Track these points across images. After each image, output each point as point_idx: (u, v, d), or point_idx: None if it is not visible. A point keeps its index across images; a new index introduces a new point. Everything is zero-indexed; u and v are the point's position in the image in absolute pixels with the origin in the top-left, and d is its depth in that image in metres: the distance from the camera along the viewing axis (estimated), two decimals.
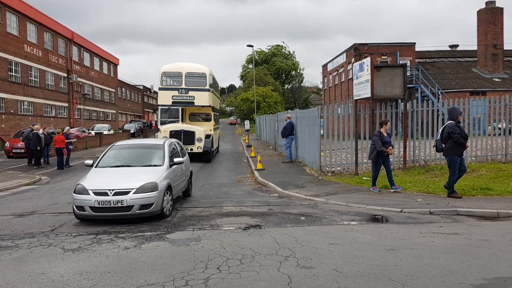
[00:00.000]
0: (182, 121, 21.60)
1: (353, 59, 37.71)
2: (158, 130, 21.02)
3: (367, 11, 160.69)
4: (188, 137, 20.09)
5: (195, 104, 21.46)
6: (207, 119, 23.16)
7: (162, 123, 21.40)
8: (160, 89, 21.74)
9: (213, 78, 23.66)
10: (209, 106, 21.85)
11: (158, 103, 21.92)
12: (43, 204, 10.90)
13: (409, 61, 37.89)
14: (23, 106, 36.61)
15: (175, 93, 21.21)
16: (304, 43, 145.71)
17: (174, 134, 19.70)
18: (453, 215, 8.78)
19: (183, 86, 21.14)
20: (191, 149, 19.61)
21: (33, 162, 20.00)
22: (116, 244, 6.85)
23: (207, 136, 21.07)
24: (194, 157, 19.76)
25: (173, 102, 21.22)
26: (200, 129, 20.76)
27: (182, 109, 21.70)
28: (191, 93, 21.14)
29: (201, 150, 20.33)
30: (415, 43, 39.48)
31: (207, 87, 21.45)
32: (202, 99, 21.36)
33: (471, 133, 15.61)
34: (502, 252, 6.20)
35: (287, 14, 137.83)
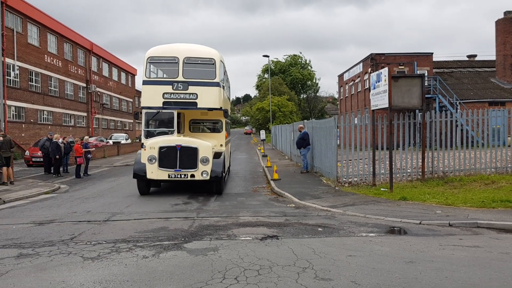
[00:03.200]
0: (178, 131, 14.21)
1: (369, 69, 37.60)
2: (141, 146, 13.71)
3: (377, 21, 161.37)
4: (187, 156, 12.98)
5: (199, 106, 13.74)
6: (216, 128, 15.60)
7: (148, 135, 13.87)
8: (144, 82, 13.78)
9: (224, 68, 16.10)
10: (220, 108, 14.14)
11: (142, 105, 13.93)
12: (62, 213, 11.04)
13: (426, 71, 37.63)
14: (43, 115, 37.27)
15: (168, 89, 13.58)
16: (315, 53, 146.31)
17: (165, 151, 12.94)
18: (473, 227, 8.64)
19: (180, 78, 13.52)
20: (192, 176, 13.01)
21: (52, 171, 20.29)
22: (134, 253, 6.90)
23: (217, 155, 13.90)
24: (194, 188, 14.70)
25: (164, 103, 13.56)
26: (206, 145, 13.34)
27: (178, 114, 14.18)
28: (192, 89, 13.56)
29: (208, 177, 13.08)
30: (432, 53, 39.21)
31: (217, 79, 13.82)
32: (210, 98, 13.74)
33: (490, 144, 15.40)
34: None
35: (297, 25, 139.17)
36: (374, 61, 38.10)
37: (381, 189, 13.11)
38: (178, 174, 12.90)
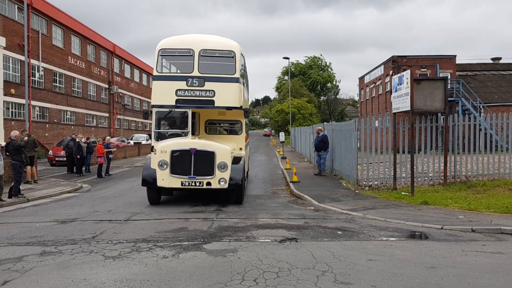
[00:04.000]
0: (193, 133, 12.74)
1: (391, 72, 37.21)
2: (151, 149, 12.25)
3: (397, 23, 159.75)
4: (203, 162, 11.49)
5: (217, 105, 12.36)
6: (234, 130, 14.26)
7: (159, 137, 12.49)
8: (155, 78, 12.52)
9: (244, 62, 14.42)
10: (240, 107, 12.73)
11: (152, 103, 12.57)
12: (84, 212, 11.22)
13: (449, 74, 37.04)
14: (66, 115, 37.94)
15: (182, 85, 12.24)
16: (334, 55, 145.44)
17: (178, 156, 11.47)
18: (497, 233, 8.47)
19: (196, 73, 12.19)
20: (209, 184, 11.45)
21: (74, 170, 20.63)
22: (154, 253, 6.97)
23: (236, 160, 12.26)
24: (208, 197, 12.88)
25: (177, 101, 12.24)
26: (224, 148, 11.89)
27: (193, 114, 12.80)
28: (209, 85, 12.23)
29: (226, 185, 11.53)
30: (455, 56, 38.57)
31: (237, 74, 12.45)
32: (229, 95, 12.40)
33: None
34: None
35: (316, 27, 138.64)
36: (396, 64, 37.69)
37: (402, 193, 12.94)
38: (192, 182, 11.39)
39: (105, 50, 46.40)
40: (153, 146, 12.14)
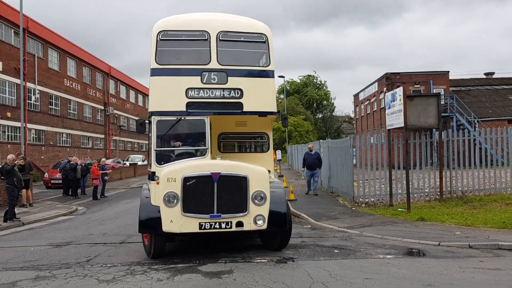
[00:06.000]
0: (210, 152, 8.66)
1: (385, 88, 37.49)
2: (149, 177, 8.74)
3: (387, 41, 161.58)
4: (230, 191, 7.88)
5: (246, 110, 8.74)
6: (259, 146, 10.48)
7: (162, 159, 8.48)
8: (154, 72, 8.59)
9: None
10: (277, 113, 9.33)
11: (151, 109, 8.64)
12: (79, 235, 11.12)
13: (443, 90, 37.34)
14: (62, 138, 37.91)
15: (195, 81, 8.54)
16: (328, 73, 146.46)
17: (194, 185, 7.76)
18: (494, 249, 8.42)
19: (214, 64, 8.57)
20: (240, 224, 7.81)
21: (70, 193, 20.53)
22: (149, 276, 6.89)
23: (275, 188, 8.43)
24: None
25: (189, 105, 8.51)
26: (260, 171, 8.21)
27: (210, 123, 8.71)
28: (234, 81, 8.66)
29: (264, 225, 7.90)
30: (448, 72, 38.96)
31: (271, 67, 9.00)
32: (262, 96, 8.89)
33: (510, 163, 15.11)
34: None
35: (308, 47, 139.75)
36: (390, 81, 37.99)
37: (399, 209, 12.92)
38: (216, 223, 7.67)
39: (100, 72, 46.65)
40: (153, 173, 8.23)
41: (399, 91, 13.05)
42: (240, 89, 8.66)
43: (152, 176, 8.33)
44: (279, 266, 7.40)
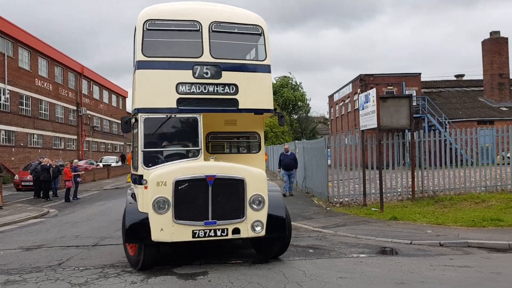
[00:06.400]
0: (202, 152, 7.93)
1: (359, 90, 38.00)
2: (134, 181, 8.10)
3: (360, 43, 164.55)
4: (226, 196, 7.37)
5: (242, 107, 8.11)
6: (250, 147, 9.69)
7: (150, 161, 7.64)
8: (140, 65, 7.80)
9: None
10: (274, 111, 8.76)
11: (137, 106, 7.84)
12: (50, 238, 10.90)
13: (415, 91, 38.11)
14: (33, 139, 37.05)
15: (186, 76, 7.84)
16: (302, 75, 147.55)
17: (187, 189, 7.23)
18: (464, 247, 8.65)
19: (207, 57, 7.90)
20: (236, 231, 7.30)
21: (41, 195, 20.09)
22: (123, 279, 6.81)
23: (271, 191, 8.03)
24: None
25: (180, 101, 7.78)
26: (258, 173, 7.76)
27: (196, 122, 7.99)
28: (228, 76, 8.03)
29: (262, 232, 7.39)
30: (420, 74, 39.82)
31: (267, 61, 8.35)
32: (259, 92, 8.28)
33: (479, 163, 15.52)
34: None
35: (283, 48, 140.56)
36: (363, 82, 38.54)
37: (372, 209, 13.12)
38: (210, 231, 7.15)
39: (73, 71, 45.82)
40: (140, 176, 7.48)
41: (372, 92, 13.25)
42: (235, 85, 7.99)
43: (139, 180, 7.50)
44: (254, 266, 7.42)
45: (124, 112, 64.06)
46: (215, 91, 7.92)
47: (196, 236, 7.09)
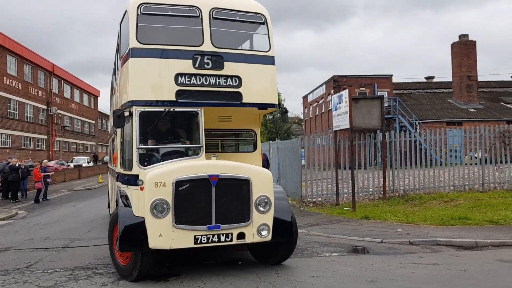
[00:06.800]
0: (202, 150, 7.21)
1: (332, 91, 38.39)
2: (127, 181, 7.09)
3: (333, 45, 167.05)
4: (230, 197, 6.78)
5: (245, 101, 7.46)
6: (246, 145, 9.32)
7: (145, 159, 6.99)
8: (135, 53, 6.96)
9: None
10: (278, 106, 8.12)
11: (131, 98, 7.00)
12: (19, 240, 10.63)
13: (386, 93, 38.76)
14: (1, 139, 36.07)
15: (185, 66, 7.12)
16: (277, 76, 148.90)
17: (188, 190, 6.56)
18: (433, 245, 8.84)
19: (208, 46, 7.21)
20: (241, 236, 6.71)
21: (10, 196, 19.58)
22: (93, 281, 6.70)
23: (276, 193, 7.32)
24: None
25: (179, 94, 7.05)
26: (264, 173, 7.25)
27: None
28: (231, 67, 7.37)
29: (269, 236, 6.88)
30: (392, 75, 40.56)
31: (271, 52, 7.78)
32: (262, 85, 7.70)
33: (448, 163, 15.90)
34: (480, 282, 6.26)
35: None
36: (337, 83, 38.98)
37: (345, 208, 13.28)
38: (213, 236, 6.58)
39: (43, 70, 44.78)
40: (135, 176, 6.78)
41: (345, 93, 13.42)
42: (238, 77, 7.37)
43: (133, 180, 6.79)
44: (227, 267, 7.41)
45: (95, 111, 63.00)
46: (217, 83, 7.26)
47: (198, 242, 6.48)
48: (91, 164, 44.44)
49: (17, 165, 19.48)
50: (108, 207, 12.88)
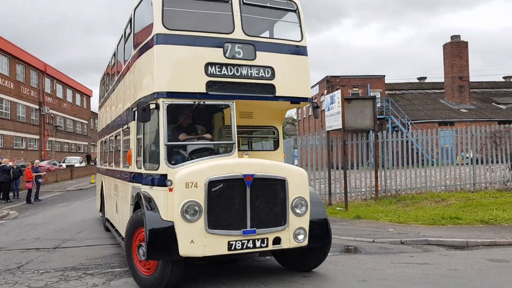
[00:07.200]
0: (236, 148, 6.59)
1: (325, 91, 38.50)
2: (151, 179, 6.37)
3: (326, 45, 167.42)
4: (266, 199, 6.20)
5: (278, 94, 6.82)
6: (268, 143, 8.96)
7: (172, 157, 6.33)
8: (160, 40, 6.24)
9: None
10: (310, 99, 7.44)
11: (157, 89, 6.24)
12: (10, 240, 10.56)
13: (379, 93, 38.93)
14: None
15: (216, 55, 6.45)
16: None
17: (222, 191, 5.95)
18: (424, 244, 8.89)
19: (239, 34, 6.58)
20: (277, 241, 6.16)
21: (1, 196, 19.45)
22: (84, 282, 6.67)
23: (313, 195, 6.84)
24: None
25: (210, 85, 6.39)
26: (300, 173, 6.65)
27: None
28: (263, 57, 6.72)
29: (305, 241, 6.34)
30: (384, 76, 40.75)
31: (303, 42, 7.15)
32: (296, 77, 7.09)
33: (440, 163, 15.99)
34: (471, 282, 6.31)
35: None
36: (330, 84, 39.09)
37: (337, 208, 13.32)
38: (248, 241, 6.04)
39: (35, 69, 44.50)
40: (162, 176, 6.13)
41: (338, 93, 13.46)
42: (272, 68, 6.77)
43: (161, 180, 6.11)
44: (218, 267, 7.40)
45: (88, 111, 62.68)
46: (249, 74, 6.65)
47: (233, 248, 5.92)
48: (84, 164, 44.23)
49: (8, 165, 19.34)
50: (100, 210, 12.17)
